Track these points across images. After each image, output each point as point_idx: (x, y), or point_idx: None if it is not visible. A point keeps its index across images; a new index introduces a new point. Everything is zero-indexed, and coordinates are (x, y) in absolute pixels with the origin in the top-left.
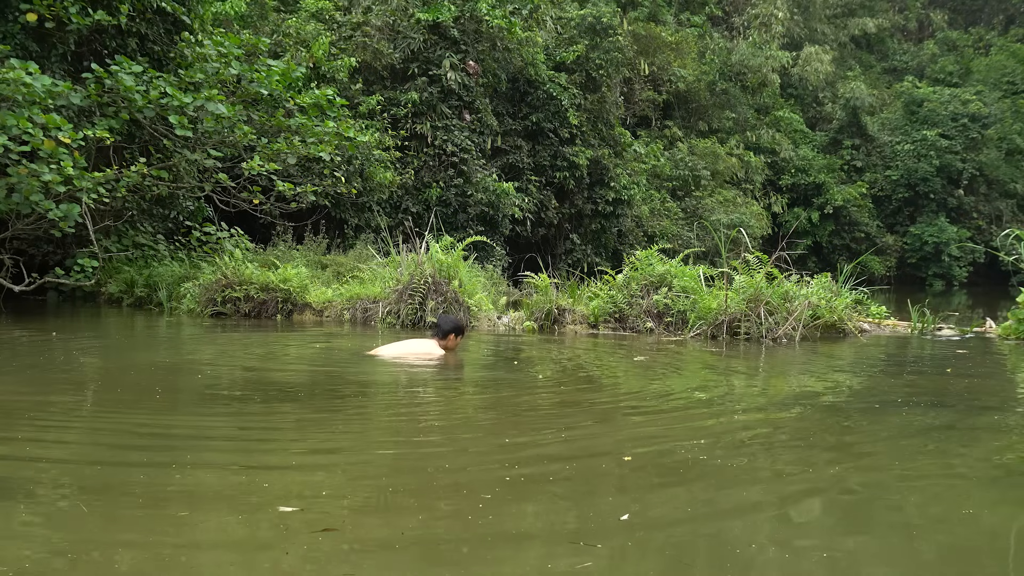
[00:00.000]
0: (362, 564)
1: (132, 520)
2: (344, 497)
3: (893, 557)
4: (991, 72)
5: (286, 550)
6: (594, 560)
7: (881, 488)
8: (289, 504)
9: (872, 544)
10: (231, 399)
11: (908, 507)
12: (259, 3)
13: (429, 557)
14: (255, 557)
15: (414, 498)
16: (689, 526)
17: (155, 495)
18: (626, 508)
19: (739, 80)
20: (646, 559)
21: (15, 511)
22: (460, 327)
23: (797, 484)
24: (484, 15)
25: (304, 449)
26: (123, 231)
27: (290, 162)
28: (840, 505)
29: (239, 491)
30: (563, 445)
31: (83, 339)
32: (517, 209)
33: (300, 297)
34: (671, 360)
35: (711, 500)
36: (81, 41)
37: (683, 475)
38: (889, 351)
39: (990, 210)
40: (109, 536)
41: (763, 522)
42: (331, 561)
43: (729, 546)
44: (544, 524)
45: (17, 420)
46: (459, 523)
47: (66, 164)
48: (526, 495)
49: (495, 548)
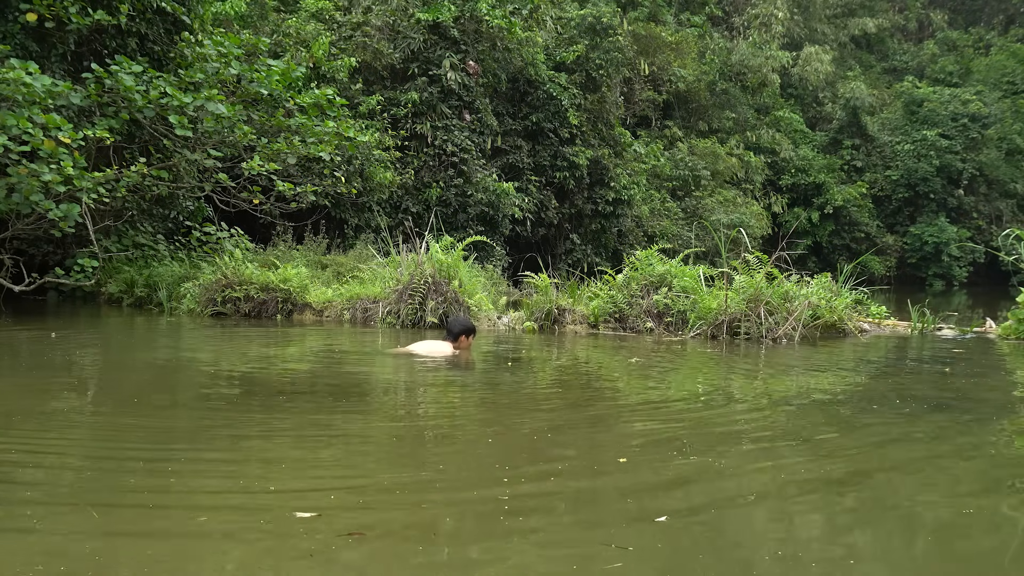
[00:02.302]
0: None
1: (138, 522)
2: (358, 497)
3: (892, 556)
4: (991, 72)
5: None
6: (593, 560)
7: (880, 488)
8: (305, 510)
9: (872, 543)
10: (231, 400)
11: (907, 507)
12: (259, 3)
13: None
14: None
15: (416, 497)
16: (689, 526)
17: (157, 495)
18: (625, 508)
19: (739, 80)
20: (645, 559)
21: (15, 511)
22: (470, 328)
23: (796, 484)
24: (484, 15)
25: (304, 451)
26: (123, 231)
27: (290, 162)
28: (839, 505)
29: (246, 492)
30: (562, 445)
31: (83, 339)
32: (517, 209)
33: (300, 297)
34: (671, 360)
35: (711, 500)
36: (81, 41)
37: (683, 475)
38: (889, 351)
39: (990, 210)
40: (113, 539)
41: (763, 522)
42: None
43: (729, 546)
44: (544, 522)
45: (17, 420)
46: (471, 521)
47: (66, 164)
48: (531, 496)
49: (501, 548)
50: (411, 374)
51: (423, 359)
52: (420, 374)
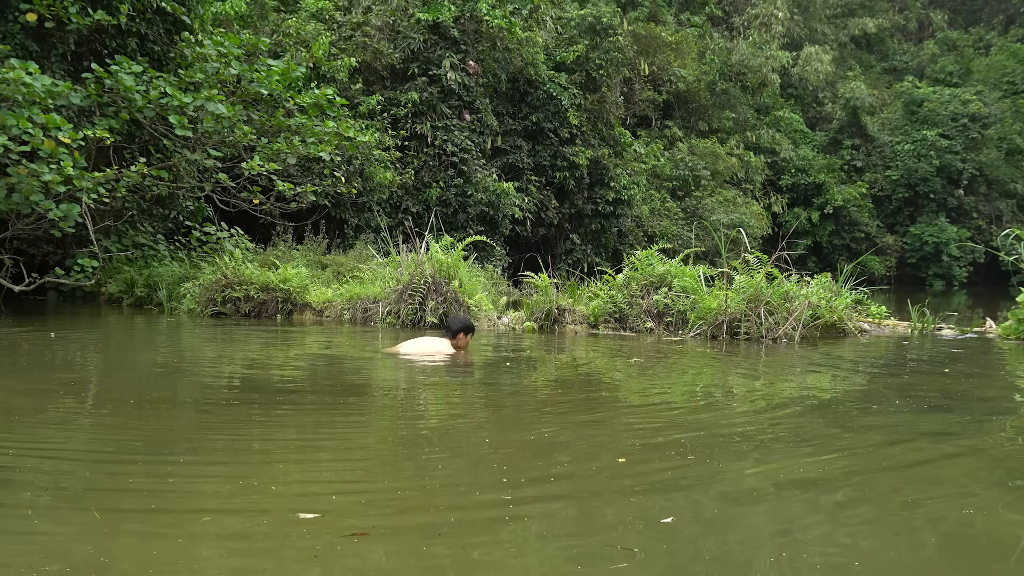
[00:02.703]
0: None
1: (141, 524)
2: (361, 497)
3: (893, 556)
4: (991, 72)
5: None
6: (593, 559)
7: (880, 488)
8: (306, 511)
9: (872, 543)
10: (232, 400)
11: (907, 507)
12: (259, 3)
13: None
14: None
15: (418, 497)
16: (687, 526)
17: (158, 496)
18: (624, 508)
19: (739, 80)
20: (645, 558)
21: (15, 511)
22: (469, 326)
23: (796, 483)
24: (484, 15)
25: (305, 451)
26: (123, 231)
27: (290, 162)
28: (840, 506)
29: (247, 494)
30: (562, 445)
31: (83, 339)
32: (517, 209)
33: (300, 297)
34: (671, 361)
35: (710, 500)
36: (81, 41)
37: (682, 475)
38: (889, 351)
39: (990, 210)
40: (113, 539)
41: (763, 522)
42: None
43: (729, 547)
44: (545, 523)
45: (17, 420)
46: (472, 522)
47: (66, 164)
48: (531, 499)
49: (504, 548)
50: (411, 374)
51: (423, 359)
52: (420, 374)
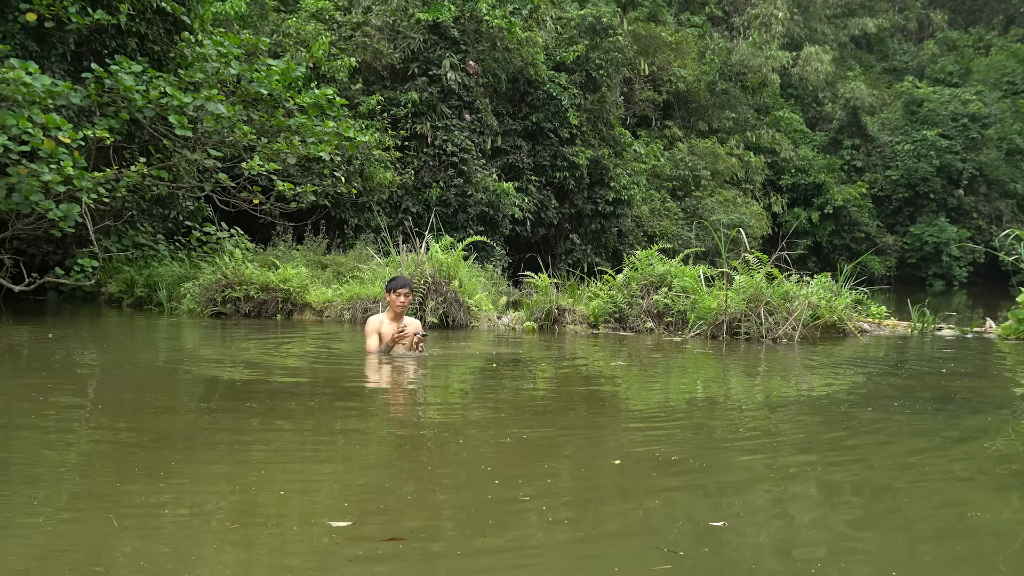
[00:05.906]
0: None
1: (141, 526)
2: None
3: (893, 556)
4: (991, 72)
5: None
6: (592, 560)
7: (880, 488)
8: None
9: (872, 543)
10: (232, 400)
11: (907, 507)
12: (259, 3)
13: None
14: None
15: (419, 498)
16: (687, 526)
17: (158, 496)
18: (623, 508)
19: (739, 80)
20: (644, 558)
21: (15, 511)
22: (401, 283)
23: (796, 484)
24: (484, 15)
25: (304, 450)
26: (123, 231)
27: (290, 162)
28: (839, 505)
29: (250, 497)
30: (561, 445)
31: (83, 339)
32: (517, 209)
33: (300, 297)
34: (671, 360)
35: (710, 500)
36: (81, 41)
37: (682, 475)
38: (889, 351)
39: (990, 210)
40: (114, 539)
41: (763, 522)
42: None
43: (731, 547)
44: (545, 523)
45: (17, 420)
46: (474, 523)
47: (66, 164)
48: (533, 498)
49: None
50: (411, 374)
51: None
52: (420, 375)
